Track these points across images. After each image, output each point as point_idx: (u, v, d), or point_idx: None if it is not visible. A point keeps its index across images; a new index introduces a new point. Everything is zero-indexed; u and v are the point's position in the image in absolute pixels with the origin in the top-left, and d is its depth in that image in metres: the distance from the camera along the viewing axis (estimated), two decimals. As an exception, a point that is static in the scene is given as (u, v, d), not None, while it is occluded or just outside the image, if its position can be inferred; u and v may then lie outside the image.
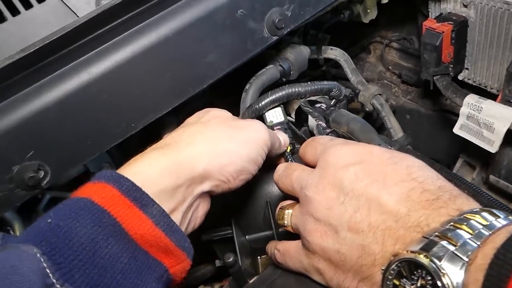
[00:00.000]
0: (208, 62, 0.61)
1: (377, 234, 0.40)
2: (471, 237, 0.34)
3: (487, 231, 0.35)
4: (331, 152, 0.47)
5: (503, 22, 0.89)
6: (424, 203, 0.39)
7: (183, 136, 0.50)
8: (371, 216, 0.40)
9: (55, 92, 0.52)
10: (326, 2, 0.70)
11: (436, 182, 0.41)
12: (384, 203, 0.40)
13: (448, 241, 0.34)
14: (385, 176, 0.42)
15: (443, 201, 0.39)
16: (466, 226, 0.35)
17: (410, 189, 0.40)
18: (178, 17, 0.57)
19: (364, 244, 0.40)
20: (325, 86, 0.66)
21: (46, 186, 0.54)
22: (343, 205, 0.42)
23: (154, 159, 0.47)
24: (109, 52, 0.54)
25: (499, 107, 0.86)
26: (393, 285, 0.37)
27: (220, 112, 0.57)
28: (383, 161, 0.44)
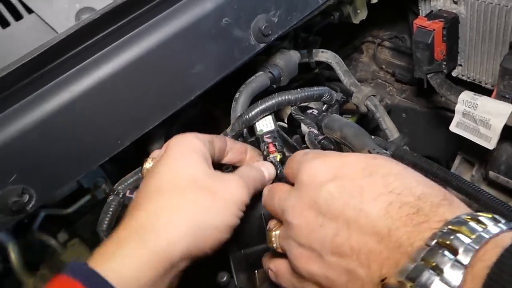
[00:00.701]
0: (195, 73, 0.59)
1: (361, 257, 0.38)
2: (458, 258, 0.32)
3: (474, 246, 0.32)
4: (303, 170, 0.44)
5: (494, 17, 0.88)
6: (404, 219, 0.36)
7: (160, 216, 0.46)
8: (352, 238, 0.38)
9: (36, 112, 0.50)
10: (313, 6, 0.69)
11: (415, 191, 0.38)
12: (364, 222, 0.38)
13: (433, 268, 0.32)
14: (362, 191, 0.39)
15: (424, 214, 0.36)
16: (452, 243, 0.33)
17: (388, 204, 0.38)
18: (162, 29, 0.56)
19: (350, 269, 0.38)
20: (315, 92, 0.65)
21: (32, 210, 0.52)
22: (322, 228, 0.40)
23: (132, 250, 0.43)
24: (91, 69, 0.52)
25: (494, 103, 0.85)
26: None
27: (191, 159, 0.50)
28: (357, 173, 0.41)
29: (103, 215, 0.62)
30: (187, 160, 0.49)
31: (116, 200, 0.62)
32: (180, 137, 0.52)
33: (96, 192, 1.12)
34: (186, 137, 0.52)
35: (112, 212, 0.61)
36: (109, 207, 0.62)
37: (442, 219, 0.35)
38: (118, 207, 0.62)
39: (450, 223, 0.34)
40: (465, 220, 0.34)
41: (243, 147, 0.61)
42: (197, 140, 0.52)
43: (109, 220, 0.61)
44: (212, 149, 0.54)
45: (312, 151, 0.51)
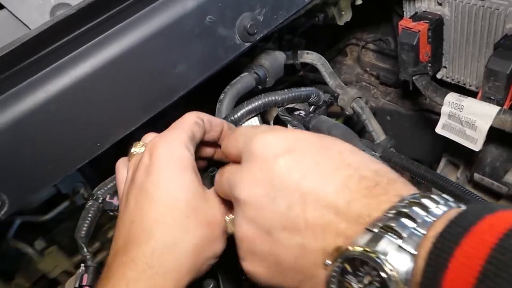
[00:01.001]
0: (177, 73, 0.57)
1: (316, 231, 0.36)
2: (416, 227, 0.33)
3: (430, 219, 0.33)
4: (255, 142, 0.41)
5: (478, 18, 0.88)
6: (363, 192, 0.36)
7: (166, 255, 0.45)
8: (308, 212, 0.37)
9: (8, 113, 0.47)
10: (299, 5, 0.67)
11: (371, 167, 0.38)
12: (322, 196, 0.37)
13: (393, 234, 0.33)
14: (318, 164, 0.38)
15: (381, 187, 0.36)
16: (410, 214, 0.33)
17: (346, 177, 0.37)
18: (142, 27, 0.53)
19: (302, 244, 0.37)
20: (302, 93, 0.63)
21: (4, 217, 0.49)
22: (274, 203, 0.38)
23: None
24: (67, 67, 0.49)
25: (480, 105, 0.85)
26: (338, 283, 0.35)
27: (185, 181, 0.48)
28: (314, 147, 0.40)
29: (82, 221, 0.59)
30: (181, 182, 0.47)
31: (95, 205, 0.60)
32: (167, 146, 0.48)
33: (75, 197, 1.08)
34: (174, 147, 0.48)
35: (91, 218, 0.59)
36: (88, 212, 0.59)
37: (399, 194, 0.36)
38: (97, 213, 0.60)
39: (407, 198, 0.35)
40: (420, 197, 0.35)
41: (220, 126, 0.56)
42: (185, 150, 0.48)
43: (88, 226, 0.58)
44: (195, 144, 0.51)
45: (263, 125, 0.49)
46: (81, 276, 0.55)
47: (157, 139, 0.49)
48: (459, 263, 0.29)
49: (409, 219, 0.33)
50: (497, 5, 0.83)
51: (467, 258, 0.29)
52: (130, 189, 0.49)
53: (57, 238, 1.13)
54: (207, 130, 0.53)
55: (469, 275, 0.28)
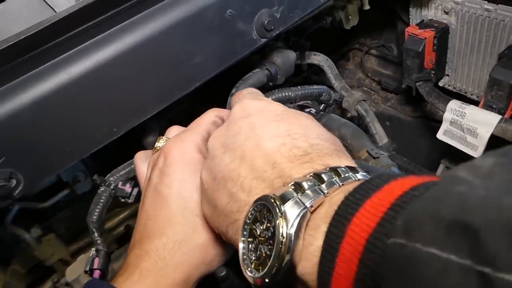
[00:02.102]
0: (195, 64, 0.58)
1: (244, 183, 0.41)
2: (320, 186, 0.35)
3: (338, 181, 0.36)
4: (237, 105, 0.47)
5: (483, 29, 0.90)
6: (290, 158, 0.40)
7: (177, 250, 0.48)
8: (241, 168, 0.42)
9: (30, 93, 0.47)
10: (315, 5, 0.69)
11: (310, 141, 0.41)
12: (254, 156, 0.41)
13: (296, 188, 0.35)
14: (264, 130, 0.43)
15: (310, 157, 0.40)
16: (321, 177, 0.36)
17: (281, 144, 0.41)
18: (165, 16, 0.54)
19: (232, 192, 0.41)
20: (315, 91, 0.64)
21: (19, 196, 0.49)
22: (223, 155, 0.44)
23: (153, 283, 0.46)
24: (90, 51, 0.50)
25: (482, 113, 0.87)
26: (250, 230, 0.38)
27: (197, 182, 0.50)
28: (270, 116, 0.44)
29: (94, 206, 0.59)
30: (192, 184, 0.50)
31: (107, 191, 0.60)
32: (180, 149, 0.51)
33: (75, 186, 1.08)
34: (187, 150, 0.51)
35: (103, 204, 0.59)
36: (100, 198, 0.59)
37: (325, 163, 0.39)
38: (109, 199, 0.60)
39: (332, 167, 0.37)
40: (343, 167, 0.38)
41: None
42: (197, 152, 0.51)
43: (100, 211, 0.59)
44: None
45: (256, 91, 0.53)
46: (92, 260, 0.55)
47: (171, 143, 0.52)
48: (365, 211, 0.31)
49: (318, 179, 0.36)
50: (502, 16, 0.85)
51: (372, 207, 0.31)
52: (147, 188, 0.52)
53: (54, 226, 1.12)
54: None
55: (371, 220, 0.30)
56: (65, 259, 1.04)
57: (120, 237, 1.04)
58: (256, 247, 0.37)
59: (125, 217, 1.03)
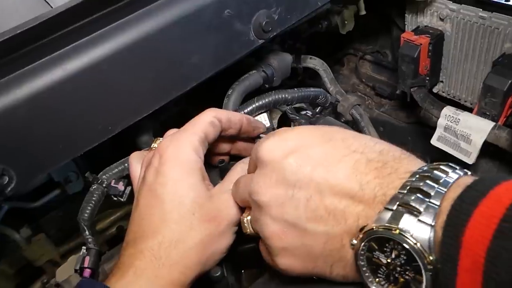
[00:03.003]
0: (192, 63, 0.57)
1: (337, 216, 0.39)
2: (430, 199, 0.35)
3: (442, 189, 0.35)
4: (262, 149, 0.44)
5: (478, 36, 0.91)
6: (374, 173, 0.38)
7: (172, 249, 0.47)
8: (325, 200, 0.39)
9: (25, 88, 0.47)
10: (312, 7, 0.69)
11: (375, 148, 0.40)
12: (334, 183, 0.39)
13: (411, 209, 0.35)
14: (326, 155, 0.41)
15: (390, 166, 0.39)
16: (423, 188, 0.35)
17: (354, 162, 0.39)
18: (163, 14, 0.54)
19: (327, 229, 0.39)
20: (312, 93, 0.64)
21: (11, 194, 0.48)
22: (294, 199, 0.41)
23: (148, 282, 0.46)
24: (87, 48, 0.49)
25: (476, 119, 0.87)
26: (367, 259, 0.37)
27: (192, 182, 0.50)
28: (317, 140, 0.42)
29: (85, 204, 0.58)
30: (188, 183, 0.50)
31: (99, 189, 0.59)
32: (176, 148, 0.50)
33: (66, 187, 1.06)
34: (183, 150, 0.50)
35: (95, 202, 0.58)
36: (92, 196, 0.59)
37: (408, 170, 0.38)
38: (101, 197, 0.59)
39: (417, 173, 0.37)
40: (429, 170, 0.37)
41: (239, 123, 0.57)
42: (193, 152, 0.51)
43: (91, 209, 0.58)
44: (206, 145, 0.53)
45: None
46: (82, 258, 0.54)
47: (167, 142, 0.51)
48: (476, 222, 0.31)
49: (423, 193, 0.35)
50: (497, 24, 0.86)
51: (484, 218, 0.31)
52: (141, 188, 0.51)
53: (44, 227, 1.10)
54: (226, 128, 0.55)
55: (486, 232, 0.30)
56: (54, 260, 1.02)
57: (111, 239, 1.03)
58: (387, 275, 0.37)
59: (116, 218, 1.02)
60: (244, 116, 0.58)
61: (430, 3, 0.96)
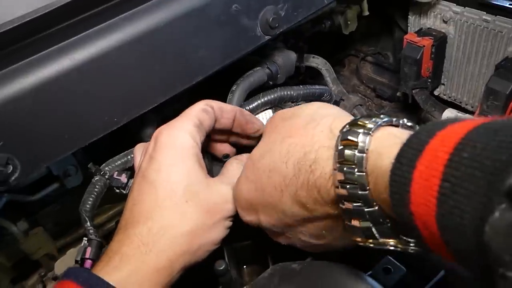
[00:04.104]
0: (199, 57, 0.57)
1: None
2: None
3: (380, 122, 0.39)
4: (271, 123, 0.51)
5: (481, 39, 0.91)
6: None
7: (161, 235, 0.47)
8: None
9: (31, 77, 0.46)
10: (318, 5, 0.69)
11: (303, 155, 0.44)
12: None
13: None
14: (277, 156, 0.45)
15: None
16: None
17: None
18: (171, 7, 0.53)
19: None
20: (317, 91, 0.64)
21: (15, 183, 0.48)
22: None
23: (134, 268, 0.45)
24: (95, 38, 0.49)
25: (477, 122, 0.88)
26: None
27: (186, 167, 0.50)
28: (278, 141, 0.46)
29: (87, 195, 0.58)
30: (182, 168, 0.49)
31: (102, 180, 0.59)
32: (170, 133, 0.50)
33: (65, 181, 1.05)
34: (177, 135, 0.50)
35: (97, 193, 0.58)
36: (94, 187, 0.58)
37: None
38: (103, 188, 0.59)
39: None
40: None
41: (232, 113, 0.57)
42: (188, 137, 0.50)
43: (93, 201, 0.58)
44: (203, 132, 0.53)
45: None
46: (84, 249, 0.54)
47: (162, 129, 0.51)
48: (419, 186, 0.31)
49: (353, 145, 0.37)
50: (500, 27, 0.86)
51: (425, 180, 0.30)
52: (136, 175, 0.51)
53: (42, 220, 1.09)
54: (218, 117, 0.55)
55: (430, 195, 0.30)
56: (51, 253, 1.02)
57: (110, 233, 1.03)
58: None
59: (115, 213, 1.01)
60: (237, 107, 0.58)
61: (434, 5, 0.96)
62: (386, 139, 0.37)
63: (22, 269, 1.00)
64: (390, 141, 0.36)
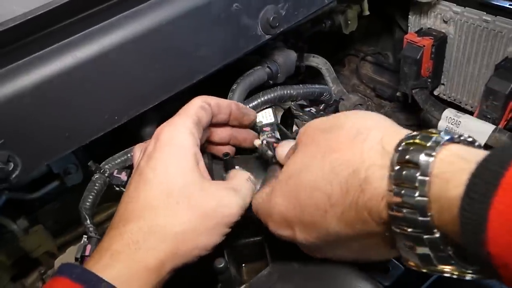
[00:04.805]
0: (200, 56, 0.58)
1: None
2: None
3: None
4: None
5: (481, 39, 0.91)
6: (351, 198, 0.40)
7: (152, 234, 0.46)
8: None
9: (33, 75, 0.47)
10: (318, 4, 0.69)
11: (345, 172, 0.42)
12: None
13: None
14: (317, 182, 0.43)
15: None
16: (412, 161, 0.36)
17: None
18: (173, 5, 0.54)
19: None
20: (316, 90, 0.64)
21: (15, 181, 0.48)
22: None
23: (124, 265, 0.44)
24: (97, 36, 0.49)
25: (476, 122, 0.88)
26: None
27: (183, 167, 0.49)
28: (317, 162, 0.44)
29: (87, 193, 0.58)
30: (179, 168, 0.48)
31: (101, 178, 0.59)
32: (171, 132, 0.50)
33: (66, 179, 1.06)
34: (178, 134, 0.50)
35: (96, 191, 0.58)
36: (94, 185, 0.59)
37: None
38: (103, 186, 0.59)
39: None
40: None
41: (228, 108, 0.57)
42: (188, 136, 0.50)
43: (93, 198, 0.58)
44: (201, 130, 0.53)
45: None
46: (83, 247, 0.54)
47: (162, 127, 0.51)
48: (498, 226, 0.29)
49: (413, 167, 0.35)
50: (500, 28, 0.86)
51: (507, 220, 0.29)
52: (133, 172, 0.51)
53: (41, 218, 1.10)
54: (215, 113, 0.55)
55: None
56: (51, 251, 1.02)
57: (109, 232, 1.03)
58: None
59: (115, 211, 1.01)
60: (233, 102, 0.58)
61: (434, 5, 0.96)
62: (452, 162, 0.34)
63: (22, 267, 1.00)
64: (456, 165, 0.34)
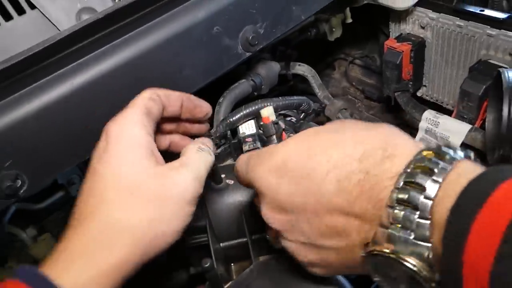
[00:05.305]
0: (184, 76, 0.63)
1: (340, 231, 0.41)
2: (419, 214, 0.35)
3: (429, 199, 0.35)
4: (255, 182, 0.47)
5: (456, 43, 0.96)
6: (357, 189, 0.39)
7: (110, 232, 0.44)
8: (324, 219, 0.42)
9: (35, 103, 0.52)
10: (296, 21, 0.74)
11: (355, 153, 0.41)
12: (326, 203, 0.41)
13: (404, 227, 0.36)
14: (309, 177, 0.42)
15: (372, 175, 0.39)
16: (410, 201, 0.36)
17: (337, 180, 0.40)
18: (157, 33, 0.59)
19: (335, 243, 0.42)
20: (295, 101, 0.70)
21: (23, 195, 0.54)
22: (297, 224, 0.44)
23: (84, 266, 0.42)
24: (91, 64, 0.55)
25: (454, 122, 0.93)
26: (377, 271, 0.39)
27: (134, 158, 0.47)
28: (300, 161, 0.43)
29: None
30: (130, 160, 0.47)
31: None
32: (120, 124, 0.49)
33: (70, 189, 1.12)
34: (126, 126, 0.49)
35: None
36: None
37: (391, 175, 0.38)
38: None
39: (401, 180, 0.37)
40: (413, 173, 0.37)
41: (179, 99, 0.57)
42: (138, 127, 0.49)
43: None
44: (153, 121, 0.52)
45: (252, 155, 0.51)
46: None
47: (111, 121, 0.50)
48: (475, 247, 0.30)
49: (410, 206, 0.35)
50: (473, 32, 0.91)
51: (483, 238, 0.30)
52: (87, 171, 0.49)
53: (48, 227, 1.15)
54: (166, 105, 0.54)
55: (488, 254, 0.29)
56: (59, 258, 1.08)
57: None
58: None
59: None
60: (183, 93, 0.57)
61: (411, 12, 1.01)
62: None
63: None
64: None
